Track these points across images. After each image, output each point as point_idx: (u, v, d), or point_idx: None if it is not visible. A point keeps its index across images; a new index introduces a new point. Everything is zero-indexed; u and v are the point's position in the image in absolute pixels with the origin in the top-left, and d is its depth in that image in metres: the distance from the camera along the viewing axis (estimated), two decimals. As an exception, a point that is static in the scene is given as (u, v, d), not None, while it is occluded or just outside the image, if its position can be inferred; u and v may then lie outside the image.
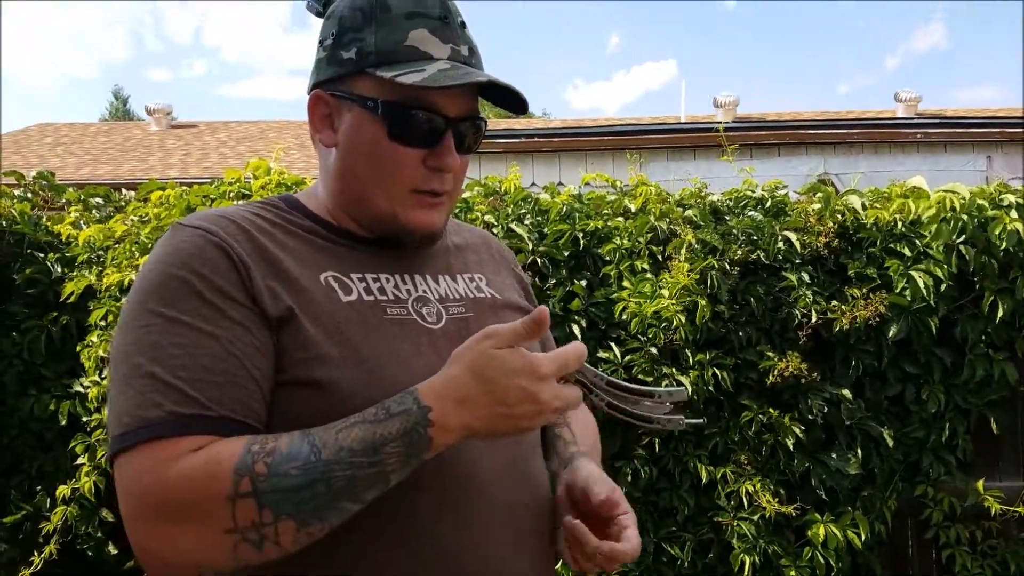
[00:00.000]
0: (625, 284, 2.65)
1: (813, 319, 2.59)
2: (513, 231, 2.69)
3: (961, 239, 2.55)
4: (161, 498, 0.80)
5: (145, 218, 2.90)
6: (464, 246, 1.19)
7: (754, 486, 2.60)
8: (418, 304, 1.02)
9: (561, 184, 2.96)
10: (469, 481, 0.95)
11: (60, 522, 2.72)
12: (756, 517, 2.61)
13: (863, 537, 2.61)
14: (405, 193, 1.00)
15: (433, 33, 0.98)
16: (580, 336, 2.58)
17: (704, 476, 2.62)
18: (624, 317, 2.61)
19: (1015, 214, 2.53)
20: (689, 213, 2.75)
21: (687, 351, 2.58)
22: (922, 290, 2.51)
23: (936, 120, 7.24)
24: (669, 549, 2.66)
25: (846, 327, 2.57)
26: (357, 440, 0.81)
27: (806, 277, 2.63)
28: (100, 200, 3.24)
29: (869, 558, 2.76)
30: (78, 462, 2.75)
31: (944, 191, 2.57)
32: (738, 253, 2.59)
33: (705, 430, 2.68)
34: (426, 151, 0.99)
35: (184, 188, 2.98)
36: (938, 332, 2.63)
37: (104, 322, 2.75)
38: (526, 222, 2.76)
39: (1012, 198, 2.58)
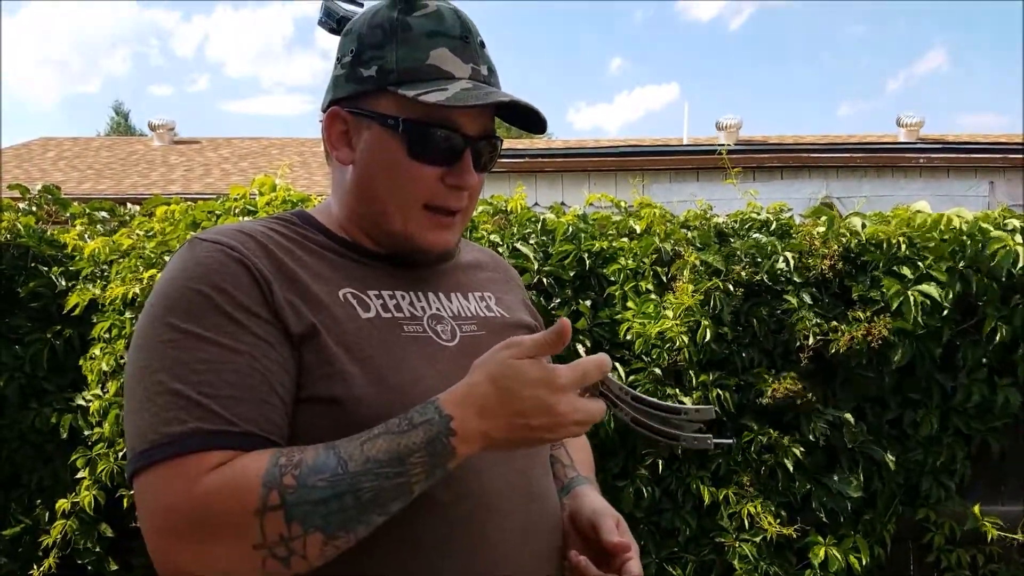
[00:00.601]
0: (629, 304, 2.66)
1: (811, 341, 2.59)
2: (518, 250, 2.70)
3: (963, 263, 2.56)
4: (189, 514, 0.80)
5: (150, 233, 2.91)
6: (474, 264, 1.20)
7: (756, 508, 2.59)
8: (433, 321, 1.03)
9: (564, 204, 2.97)
10: (481, 497, 0.95)
11: (59, 536, 2.71)
12: (758, 539, 2.60)
13: (864, 561, 2.60)
14: (419, 209, 1.00)
15: (454, 52, 0.99)
16: (584, 355, 2.57)
17: (706, 497, 2.61)
18: (628, 337, 2.62)
19: (1019, 238, 2.54)
20: (693, 234, 2.77)
21: (690, 372, 2.59)
22: (912, 309, 2.50)
23: (939, 145, 7.27)
24: (671, 570, 2.65)
25: (843, 349, 2.57)
26: (383, 451, 0.82)
27: (808, 299, 2.63)
28: (105, 214, 3.25)
29: (870, 582, 2.75)
30: (78, 476, 2.74)
31: (947, 215, 2.58)
32: (742, 275, 2.60)
33: (709, 451, 2.68)
34: (445, 169, 1.00)
35: (189, 204, 2.99)
36: (940, 356, 2.64)
37: (108, 335, 2.75)
38: (531, 241, 2.77)
39: (1016, 223, 2.60)
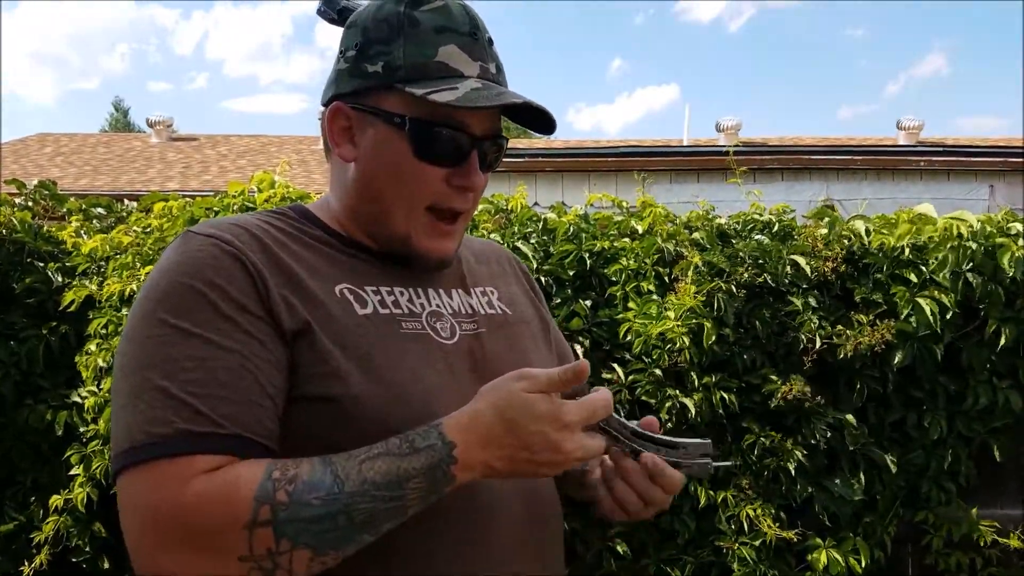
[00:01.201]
0: (631, 305, 2.64)
1: (818, 344, 2.58)
2: (519, 250, 2.68)
3: (968, 267, 2.55)
4: (176, 519, 0.78)
5: (148, 229, 2.89)
6: (476, 258, 1.17)
7: (755, 510, 2.58)
8: (432, 318, 1.00)
9: (564, 204, 2.95)
10: (478, 496, 0.93)
11: (51, 532, 2.69)
12: (757, 542, 2.59)
13: (864, 563, 2.59)
14: (422, 211, 0.98)
15: (463, 49, 0.96)
16: (584, 356, 2.56)
17: (704, 500, 2.60)
18: (629, 338, 2.60)
19: (1023, 242, 2.53)
20: (696, 235, 2.75)
21: (692, 373, 2.57)
22: (928, 317, 2.50)
23: (940, 148, 7.25)
24: (670, 572, 2.63)
25: (851, 353, 2.56)
26: (381, 473, 0.80)
27: (812, 302, 2.62)
28: (102, 210, 3.23)
29: (869, 585, 2.74)
30: (72, 472, 2.72)
31: (951, 218, 2.57)
32: (745, 276, 2.58)
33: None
34: (450, 170, 0.98)
35: (187, 200, 2.97)
36: (943, 359, 2.62)
37: (104, 331, 2.72)
38: (532, 241, 2.76)
39: (1019, 227, 2.58)
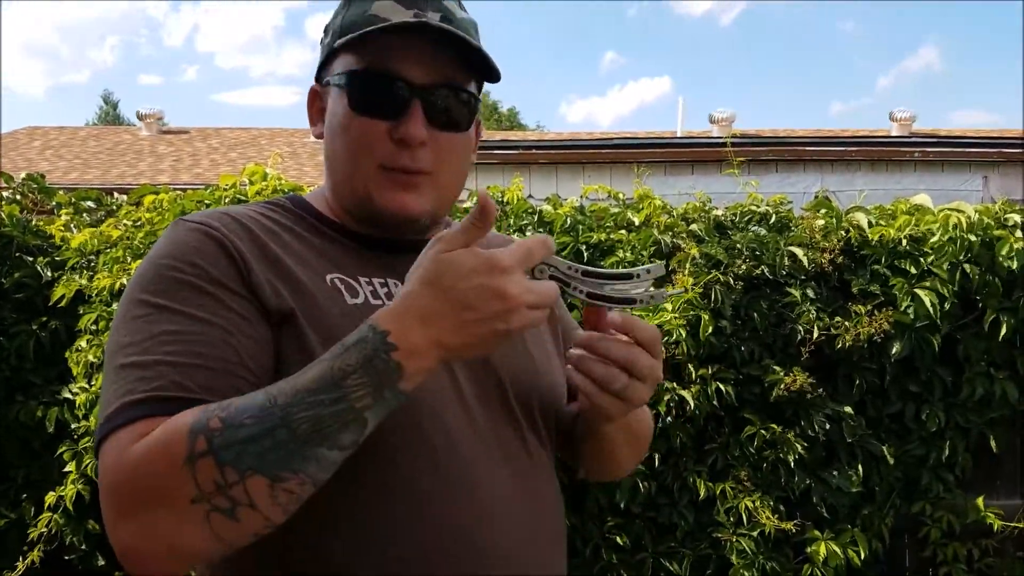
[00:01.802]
0: (627, 297, 2.61)
1: (815, 335, 2.57)
2: (514, 242, 2.66)
3: (966, 258, 2.54)
4: (125, 484, 0.75)
5: (138, 223, 2.85)
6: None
7: (754, 502, 2.57)
8: None
9: (559, 197, 2.93)
10: (473, 501, 0.90)
11: (45, 529, 2.66)
12: (755, 533, 2.58)
13: (862, 555, 2.58)
14: (375, 169, 0.94)
15: (398, 2, 0.94)
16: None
17: (703, 492, 2.59)
18: (626, 330, 2.58)
19: (1020, 234, 2.52)
20: (694, 227, 2.73)
21: (689, 365, 2.56)
22: (927, 308, 2.49)
23: (934, 139, 7.25)
24: (668, 565, 2.62)
25: (849, 344, 2.55)
26: (314, 379, 0.74)
27: (810, 293, 2.61)
28: (91, 204, 3.19)
29: (867, 576, 2.74)
30: (65, 469, 2.69)
31: (949, 209, 2.56)
32: (742, 268, 2.57)
33: (705, 446, 2.65)
34: (392, 123, 0.93)
35: (178, 193, 2.94)
36: (940, 350, 2.62)
37: (94, 327, 2.69)
38: (528, 233, 2.73)
39: (1016, 218, 2.58)
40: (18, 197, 3.20)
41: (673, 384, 2.56)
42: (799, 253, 2.60)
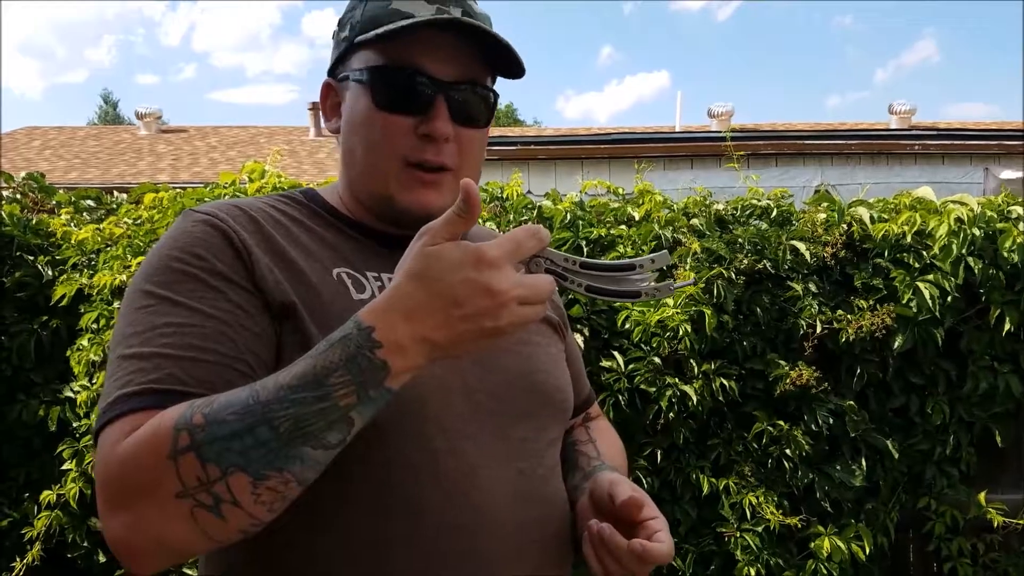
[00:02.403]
0: (629, 292, 2.60)
1: (818, 329, 2.56)
2: (515, 238, 2.65)
3: (969, 251, 2.53)
4: (114, 478, 0.75)
5: (139, 221, 2.85)
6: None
7: (758, 498, 2.56)
8: None
9: (557, 192, 2.92)
10: (472, 500, 0.89)
11: (44, 528, 2.66)
12: (760, 529, 2.57)
13: (867, 550, 2.58)
14: (399, 166, 0.94)
15: None
16: (583, 345, 2.53)
17: (706, 487, 2.58)
18: (628, 326, 2.57)
19: (1023, 227, 2.51)
20: (695, 222, 2.72)
21: (692, 361, 2.55)
22: (928, 302, 2.48)
23: (934, 132, 7.24)
24: (671, 561, 2.62)
25: (852, 338, 2.54)
26: (297, 376, 0.73)
27: (812, 287, 2.60)
28: (91, 202, 3.18)
29: (871, 570, 2.73)
30: (65, 467, 2.69)
31: (953, 202, 2.55)
32: (744, 262, 2.56)
33: (708, 441, 2.65)
34: (417, 119, 0.93)
35: (178, 191, 2.93)
36: (943, 344, 2.61)
37: (96, 326, 2.68)
38: (529, 229, 2.72)
39: (1020, 210, 2.57)
40: (18, 196, 3.19)
41: (676, 380, 2.55)
42: (801, 247, 2.59)
